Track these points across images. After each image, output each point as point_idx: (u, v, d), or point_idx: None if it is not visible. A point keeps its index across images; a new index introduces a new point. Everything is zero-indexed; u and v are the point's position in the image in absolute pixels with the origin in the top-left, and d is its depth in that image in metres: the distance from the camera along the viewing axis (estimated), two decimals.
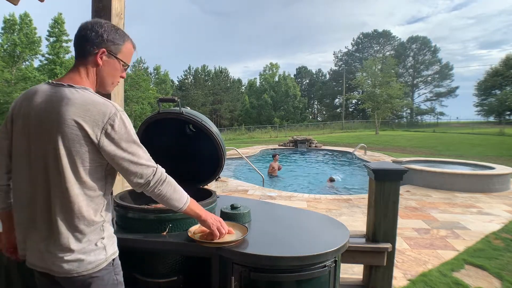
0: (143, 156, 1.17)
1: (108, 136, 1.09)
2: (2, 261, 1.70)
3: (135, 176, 1.15)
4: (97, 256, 1.13)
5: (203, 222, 1.39)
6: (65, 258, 1.09)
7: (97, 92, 1.21)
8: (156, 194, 1.20)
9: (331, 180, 8.74)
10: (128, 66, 1.28)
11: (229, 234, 1.49)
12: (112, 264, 1.19)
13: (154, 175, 1.18)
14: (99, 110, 1.08)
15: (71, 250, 1.09)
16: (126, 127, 1.13)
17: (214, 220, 1.42)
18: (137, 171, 1.15)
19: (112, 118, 1.09)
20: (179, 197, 1.27)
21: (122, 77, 1.29)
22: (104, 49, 1.18)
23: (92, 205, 1.13)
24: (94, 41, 1.16)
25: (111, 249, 1.19)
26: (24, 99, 1.16)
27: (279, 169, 10.05)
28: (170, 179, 1.24)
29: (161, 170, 1.22)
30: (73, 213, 1.09)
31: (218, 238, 1.42)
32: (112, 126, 1.09)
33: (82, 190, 1.10)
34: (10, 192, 1.24)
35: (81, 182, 1.10)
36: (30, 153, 1.12)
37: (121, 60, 1.23)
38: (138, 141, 1.17)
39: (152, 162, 1.20)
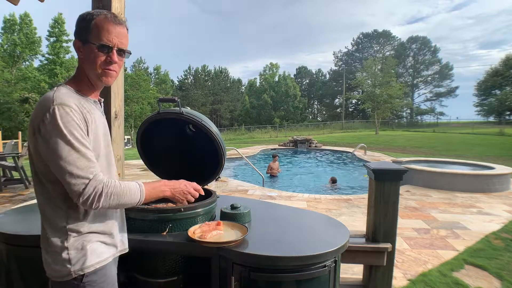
0: (74, 162, 0.98)
1: (39, 133, 0.99)
2: (2, 261, 1.70)
3: (68, 187, 1.00)
4: (61, 267, 1.07)
5: (171, 199, 1.30)
6: (44, 259, 1.14)
7: (104, 87, 1.20)
8: (101, 206, 1.03)
9: (333, 181, 8.69)
10: (102, 45, 1.09)
11: (197, 191, 1.39)
12: (81, 280, 1.08)
13: (84, 189, 0.99)
14: (40, 105, 1.02)
15: (44, 252, 1.14)
16: (57, 123, 0.97)
17: (179, 191, 1.29)
18: (68, 180, 0.99)
19: (44, 112, 0.99)
20: (129, 199, 1.10)
21: (110, 60, 1.11)
22: (76, 40, 1.11)
23: (58, 211, 1.09)
24: (74, 37, 1.13)
25: (79, 264, 1.07)
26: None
27: (278, 171, 10.04)
28: (111, 188, 1.04)
29: (97, 182, 1.01)
30: (43, 216, 1.13)
31: (192, 202, 1.38)
32: (43, 122, 0.98)
33: (44, 195, 1.10)
34: None
35: (44, 188, 1.09)
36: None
37: (91, 42, 1.08)
38: (77, 142, 0.99)
39: (86, 172, 1.00)
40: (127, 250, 1.31)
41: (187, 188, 1.32)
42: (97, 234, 1.13)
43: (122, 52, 1.14)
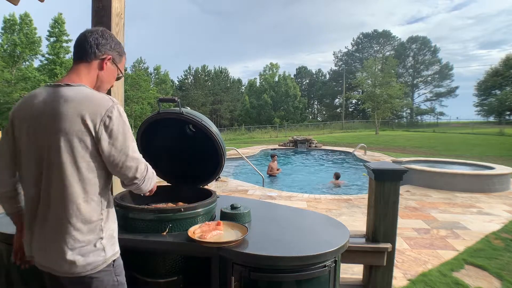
0: (137, 150, 1.18)
1: (106, 128, 1.09)
2: (2, 261, 1.70)
3: (131, 171, 1.15)
4: (96, 257, 1.12)
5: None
6: (65, 257, 1.09)
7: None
8: (145, 188, 1.24)
9: (337, 176, 8.69)
10: (122, 75, 1.37)
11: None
12: (113, 265, 1.18)
13: (147, 170, 1.21)
14: (98, 103, 1.11)
15: (70, 250, 1.09)
16: (123, 120, 1.15)
17: None
18: (133, 165, 1.15)
19: (110, 110, 1.11)
20: (154, 181, 1.31)
21: (113, 84, 1.37)
22: (111, 56, 1.26)
23: (91, 204, 1.12)
24: (104, 47, 1.24)
25: (111, 250, 1.18)
26: (23, 104, 1.19)
27: (278, 170, 10.05)
28: (153, 171, 1.27)
29: (149, 166, 1.24)
30: (72, 211, 1.09)
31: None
32: (110, 118, 1.10)
33: (81, 188, 1.10)
34: (18, 196, 1.26)
35: (81, 179, 1.10)
36: (33, 154, 1.13)
37: (119, 69, 1.32)
38: (132, 135, 1.19)
39: (142, 159, 1.21)
40: None
41: None
42: (112, 223, 1.23)
43: None
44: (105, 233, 1.17)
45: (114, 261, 1.19)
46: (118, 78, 1.36)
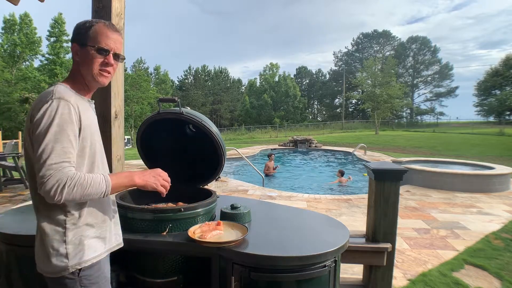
0: (51, 152, 1.01)
1: (30, 122, 1.07)
2: (2, 261, 1.70)
3: (36, 173, 1.02)
4: (57, 262, 1.09)
5: (145, 187, 1.23)
6: (37, 256, 1.15)
7: (103, 88, 1.29)
8: (62, 199, 1.01)
9: (342, 173, 8.77)
10: (101, 48, 1.18)
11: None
12: (78, 274, 1.11)
13: (49, 179, 0.99)
14: (38, 99, 1.10)
15: (38, 249, 1.14)
16: (51, 114, 1.03)
17: (153, 178, 1.25)
18: (38, 166, 1.01)
19: (42, 104, 1.06)
20: (94, 190, 1.07)
21: (107, 63, 1.20)
22: (74, 44, 1.20)
23: (53, 205, 1.08)
24: (71, 42, 1.21)
25: (77, 258, 1.11)
26: None
27: (274, 169, 10.10)
28: (74, 180, 1.02)
29: (61, 174, 1.01)
30: (37, 211, 1.13)
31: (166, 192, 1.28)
32: (38, 111, 1.04)
33: (36, 190, 1.08)
34: None
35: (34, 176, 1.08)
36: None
37: (90, 45, 1.17)
38: (63, 135, 1.03)
39: (57, 165, 1.01)
40: (122, 245, 1.33)
41: (156, 172, 1.29)
42: (92, 229, 1.17)
43: (117, 57, 1.24)
44: (71, 237, 1.12)
45: (80, 270, 1.12)
46: (98, 53, 1.17)
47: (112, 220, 1.28)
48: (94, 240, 1.17)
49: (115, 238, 1.29)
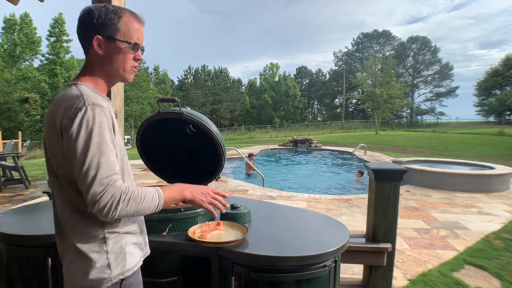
0: (98, 166, 0.93)
1: (67, 133, 0.94)
2: (2, 261, 1.70)
3: (84, 191, 0.93)
4: (99, 273, 1.01)
5: (192, 202, 1.17)
6: (69, 271, 1.05)
7: (119, 82, 1.17)
8: (116, 215, 0.94)
9: (361, 173, 8.96)
10: (136, 43, 1.08)
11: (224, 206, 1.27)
12: (120, 284, 1.05)
13: (102, 196, 0.91)
14: (67, 105, 0.96)
15: (72, 263, 1.03)
16: (89, 124, 0.94)
17: (201, 195, 1.18)
18: (86, 183, 0.92)
19: (75, 112, 0.94)
20: (148, 205, 1.01)
21: (137, 59, 1.12)
22: (97, 36, 1.04)
23: (90, 218, 1.01)
24: (86, 32, 1.05)
25: (120, 268, 1.04)
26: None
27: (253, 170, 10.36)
28: (129, 194, 0.96)
29: (115, 189, 0.94)
30: (68, 226, 1.03)
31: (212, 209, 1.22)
32: (73, 122, 0.93)
33: (73, 203, 1.01)
34: None
35: (69, 192, 1.00)
36: (47, 159, 1.09)
37: (121, 40, 1.05)
38: (105, 146, 0.95)
39: (107, 178, 0.93)
40: (149, 252, 1.25)
41: (205, 189, 1.22)
42: (130, 235, 1.11)
43: (143, 51, 1.15)
44: (111, 246, 1.07)
45: (122, 280, 1.07)
46: (132, 48, 1.08)
47: (143, 224, 1.22)
48: (133, 246, 1.11)
49: (145, 245, 1.22)
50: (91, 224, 1.02)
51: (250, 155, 10.43)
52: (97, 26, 1.03)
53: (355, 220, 4.72)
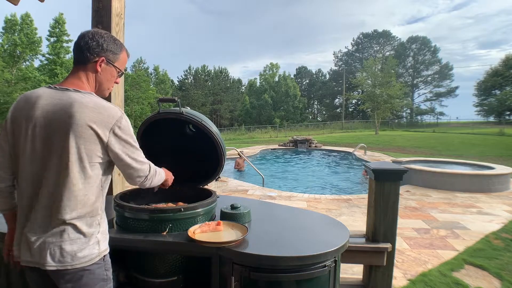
0: (141, 154, 1.32)
1: (115, 136, 1.21)
2: (2, 261, 1.70)
3: (136, 172, 1.30)
4: (91, 250, 1.19)
5: (166, 181, 1.58)
6: (60, 251, 1.14)
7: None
8: (149, 185, 1.38)
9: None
10: (123, 73, 1.42)
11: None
12: (103, 259, 1.25)
13: (149, 170, 1.35)
14: (109, 114, 1.20)
15: (68, 243, 1.15)
16: (130, 129, 1.28)
17: (170, 174, 1.65)
18: (138, 167, 1.30)
19: (119, 120, 1.23)
20: (161, 179, 1.47)
21: (116, 82, 1.41)
22: (103, 58, 1.29)
23: (94, 200, 1.21)
24: (95, 50, 1.27)
25: (104, 245, 1.26)
26: (26, 103, 1.20)
27: (243, 167, 10.60)
28: (157, 169, 1.42)
29: (152, 166, 1.38)
30: (76, 207, 1.16)
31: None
32: (119, 127, 1.22)
33: (86, 185, 1.18)
34: (14, 193, 1.28)
35: (87, 177, 1.18)
36: (38, 154, 1.16)
37: (117, 68, 1.35)
38: (135, 142, 1.30)
39: (146, 160, 1.36)
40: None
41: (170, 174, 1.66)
42: (106, 220, 1.32)
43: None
44: (102, 227, 1.26)
45: (104, 256, 1.26)
46: (119, 76, 1.40)
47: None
48: (107, 229, 1.31)
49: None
50: (95, 208, 1.22)
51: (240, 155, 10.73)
52: (106, 50, 1.29)
53: (355, 220, 4.72)
